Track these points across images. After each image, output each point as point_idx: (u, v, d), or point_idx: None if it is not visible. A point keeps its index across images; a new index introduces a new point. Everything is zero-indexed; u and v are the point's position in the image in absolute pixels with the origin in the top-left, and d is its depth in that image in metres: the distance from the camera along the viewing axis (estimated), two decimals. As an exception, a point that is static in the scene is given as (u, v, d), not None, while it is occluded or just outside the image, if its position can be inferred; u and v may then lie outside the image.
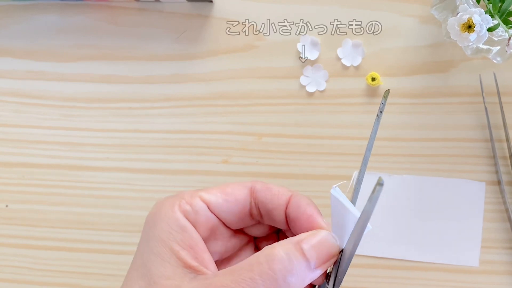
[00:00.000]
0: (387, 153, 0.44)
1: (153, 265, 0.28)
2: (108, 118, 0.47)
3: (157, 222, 0.30)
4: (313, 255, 0.28)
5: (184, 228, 0.29)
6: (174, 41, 0.46)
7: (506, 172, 0.43)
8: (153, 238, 0.29)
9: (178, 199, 0.31)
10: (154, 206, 0.31)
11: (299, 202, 0.31)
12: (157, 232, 0.29)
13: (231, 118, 0.46)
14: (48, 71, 0.48)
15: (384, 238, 0.44)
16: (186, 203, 0.30)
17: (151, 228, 0.30)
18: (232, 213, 0.31)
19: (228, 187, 0.32)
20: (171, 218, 0.29)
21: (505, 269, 0.43)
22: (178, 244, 0.29)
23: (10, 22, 0.48)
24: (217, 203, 0.31)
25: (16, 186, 0.48)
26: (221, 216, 0.31)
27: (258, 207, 0.32)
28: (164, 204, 0.30)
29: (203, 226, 0.30)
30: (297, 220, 0.31)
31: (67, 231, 0.48)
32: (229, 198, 0.31)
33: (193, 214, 0.30)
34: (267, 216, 0.32)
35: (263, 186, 0.32)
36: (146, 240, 0.30)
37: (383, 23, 0.44)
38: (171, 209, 0.30)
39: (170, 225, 0.29)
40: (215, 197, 0.31)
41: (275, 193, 0.31)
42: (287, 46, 0.45)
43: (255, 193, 0.32)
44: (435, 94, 0.44)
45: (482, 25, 0.35)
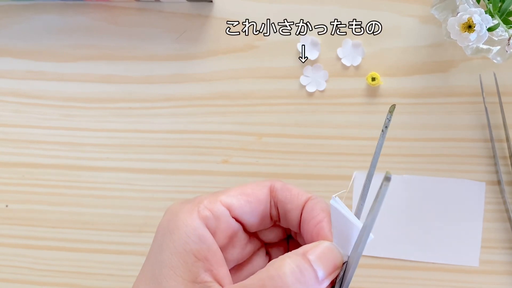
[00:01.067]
0: (387, 153, 0.44)
1: (165, 279, 0.26)
2: (108, 118, 0.47)
3: (173, 230, 0.27)
4: (320, 265, 0.27)
5: (203, 238, 0.27)
6: (174, 41, 0.46)
7: (506, 172, 0.43)
8: (168, 249, 0.27)
9: (196, 204, 0.28)
10: (168, 213, 0.29)
11: (314, 206, 0.30)
12: (172, 243, 0.27)
13: (231, 118, 0.46)
14: (48, 71, 0.48)
15: (384, 238, 0.44)
16: (206, 209, 0.28)
17: (165, 237, 0.27)
18: (254, 215, 0.30)
19: (248, 188, 0.30)
20: (189, 227, 0.27)
21: (505, 269, 0.43)
22: (194, 256, 0.27)
23: (10, 22, 0.48)
24: (239, 206, 0.29)
25: (16, 186, 0.48)
26: (243, 219, 0.29)
27: (277, 207, 0.30)
28: (181, 211, 0.28)
29: (223, 234, 0.29)
30: (307, 223, 0.29)
31: (67, 231, 0.48)
32: (251, 199, 0.29)
33: (214, 221, 0.28)
34: (284, 217, 0.31)
35: (282, 186, 0.31)
36: (159, 250, 0.27)
37: (383, 23, 0.44)
38: (189, 216, 0.27)
39: (187, 234, 0.27)
40: (236, 199, 0.29)
41: (294, 193, 0.30)
42: (287, 46, 0.45)
43: (275, 192, 0.30)
44: (435, 94, 0.44)
45: (482, 25, 0.35)
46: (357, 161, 0.45)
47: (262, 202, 0.30)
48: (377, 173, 0.44)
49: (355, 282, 0.44)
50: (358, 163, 0.45)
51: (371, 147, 0.44)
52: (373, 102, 0.44)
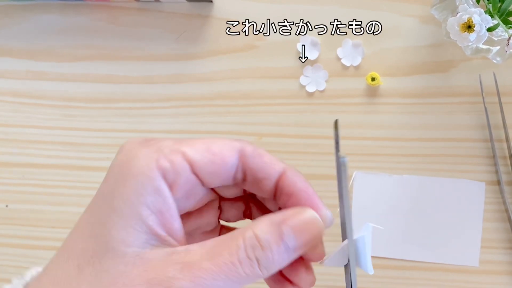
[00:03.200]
0: (387, 153, 0.44)
1: (114, 228, 0.25)
2: (108, 118, 0.47)
3: (127, 177, 0.25)
4: (292, 239, 0.26)
5: (159, 191, 0.25)
6: (174, 41, 0.46)
7: (506, 172, 0.43)
8: (119, 196, 0.25)
9: (155, 151, 0.26)
10: (122, 153, 0.26)
11: (295, 178, 0.28)
12: (126, 191, 0.25)
13: (231, 118, 0.46)
14: (48, 71, 0.48)
15: (384, 238, 0.44)
16: (166, 160, 0.26)
17: (117, 183, 0.25)
18: (217, 176, 0.27)
19: (215, 145, 0.27)
20: (145, 176, 0.25)
21: (505, 269, 0.43)
22: (148, 208, 0.25)
23: (10, 22, 0.48)
24: (203, 164, 0.27)
25: (16, 186, 0.48)
26: (204, 177, 0.27)
27: (244, 173, 0.28)
28: (137, 155, 0.26)
29: (181, 188, 0.26)
30: (291, 195, 0.28)
31: (67, 231, 0.47)
32: (217, 159, 0.27)
33: (173, 175, 0.26)
34: (252, 183, 0.29)
35: (254, 152, 0.28)
36: (109, 195, 0.25)
37: (383, 23, 0.44)
38: (147, 164, 0.25)
39: (143, 185, 0.25)
40: (201, 156, 0.26)
41: (267, 161, 0.28)
42: (287, 46, 0.45)
43: (244, 157, 0.28)
44: (435, 94, 0.44)
45: (482, 25, 0.35)
46: (357, 161, 0.45)
47: (227, 165, 0.28)
48: (377, 173, 0.45)
49: (355, 282, 0.44)
50: (358, 163, 0.45)
51: (371, 147, 0.44)
52: (373, 102, 0.45)
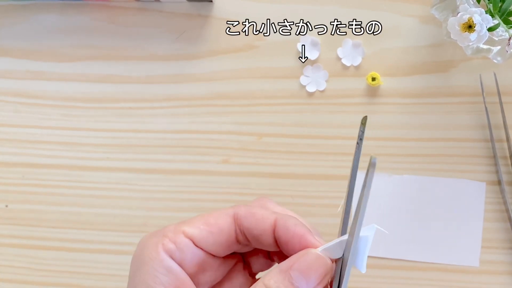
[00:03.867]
0: (387, 153, 0.44)
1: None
2: (108, 118, 0.47)
3: (141, 265, 0.29)
4: (303, 282, 0.27)
5: (170, 269, 0.28)
6: (174, 41, 0.46)
7: (506, 172, 0.43)
8: (139, 283, 0.28)
9: (161, 237, 0.29)
10: (138, 246, 0.30)
11: (286, 224, 0.30)
12: (143, 277, 0.28)
13: (231, 118, 0.46)
14: (48, 71, 0.48)
15: (384, 238, 0.44)
16: (170, 242, 0.29)
17: (136, 272, 0.29)
18: (218, 244, 0.30)
19: (211, 217, 0.30)
20: (155, 260, 0.28)
21: (505, 269, 0.43)
22: (164, 287, 0.28)
23: (10, 22, 0.48)
24: (201, 237, 0.29)
25: (16, 186, 0.48)
26: (207, 249, 0.30)
27: (244, 234, 0.30)
28: (146, 245, 0.29)
29: (190, 263, 0.29)
30: (288, 242, 0.30)
31: (67, 231, 0.48)
32: (213, 229, 0.30)
33: (178, 253, 0.29)
34: (254, 241, 0.31)
35: (246, 212, 0.30)
36: (132, 284, 0.29)
37: (383, 23, 0.44)
38: (154, 250, 0.29)
39: (155, 268, 0.28)
40: (198, 230, 0.30)
41: (259, 217, 0.30)
42: (287, 46, 0.45)
43: (239, 220, 0.30)
44: (435, 94, 0.44)
45: (483, 25, 0.35)
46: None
47: (224, 232, 0.30)
48: (377, 173, 0.44)
49: (355, 282, 0.44)
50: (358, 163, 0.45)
51: (371, 147, 0.44)
52: (373, 102, 0.44)
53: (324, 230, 0.45)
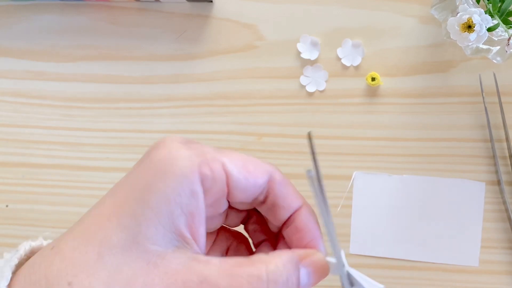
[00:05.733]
0: (387, 153, 0.44)
1: (145, 223, 0.25)
2: (108, 118, 0.47)
3: (168, 175, 0.25)
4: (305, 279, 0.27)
5: (196, 194, 0.26)
6: (174, 41, 0.46)
7: (506, 172, 0.43)
8: (158, 192, 0.25)
9: (199, 156, 0.26)
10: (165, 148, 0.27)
11: (310, 217, 0.29)
12: (165, 188, 0.25)
13: (231, 118, 0.46)
14: (48, 71, 0.48)
15: (384, 238, 0.44)
16: (208, 166, 0.26)
17: (157, 178, 0.25)
18: (244, 192, 0.28)
19: (251, 164, 0.29)
20: (186, 178, 0.25)
21: (505, 269, 0.43)
22: (181, 209, 0.25)
23: (10, 22, 0.48)
24: (237, 179, 0.27)
25: (16, 186, 0.48)
26: (232, 191, 0.28)
27: (266, 196, 0.29)
28: (181, 156, 0.26)
29: (213, 196, 0.27)
30: (301, 232, 0.29)
31: (67, 231, 0.48)
32: (250, 177, 0.28)
33: (211, 182, 0.26)
34: (268, 208, 0.30)
35: (282, 180, 0.29)
36: (147, 187, 0.25)
37: (383, 23, 0.44)
38: (189, 166, 0.26)
39: (182, 185, 0.25)
40: (237, 171, 0.27)
41: (290, 192, 0.30)
42: (287, 46, 0.45)
43: (272, 183, 0.29)
44: (434, 94, 0.44)
45: (482, 25, 0.35)
46: (357, 161, 0.45)
47: (257, 186, 0.29)
48: (377, 173, 0.45)
49: (355, 282, 0.44)
50: (358, 163, 0.45)
51: (371, 147, 0.44)
52: (373, 102, 0.45)
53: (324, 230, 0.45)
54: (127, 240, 0.25)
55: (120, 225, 0.25)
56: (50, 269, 0.25)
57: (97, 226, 0.26)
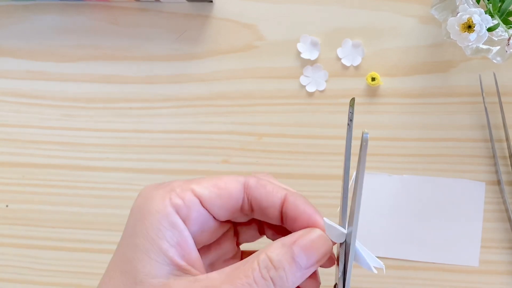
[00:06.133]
0: (387, 153, 0.44)
1: (140, 263, 0.27)
2: (108, 118, 0.47)
3: (146, 216, 0.28)
4: (303, 258, 0.28)
5: (175, 225, 0.28)
6: (174, 41, 0.46)
7: (506, 172, 0.43)
8: (141, 234, 0.28)
9: (168, 191, 0.29)
10: (140, 196, 0.29)
11: (296, 201, 0.30)
12: (145, 228, 0.28)
13: (231, 118, 0.46)
14: (48, 71, 0.48)
15: (384, 238, 0.44)
16: (178, 197, 0.29)
17: (138, 222, 0.28)
18: (225, 209, 0.30)
19: (221, 181, 0.30)
20: (161, 213, 0.28)
21: (505, 269, 0.43)
22: (167, 242, 0.28)
23: (10, 22, 0.48)
24: (210, 198, 0.29)
25: (16, 186, 0.48)
26: (213, 211, 0.30)
27: (250, 203, 0.31)
28: (153, 197, 0.29)
29: (194, 222, 0.29)
30: (295, 219, 0.30)
31: (67, 231, 0.48)
32: (223, 193, 0.30)
33: (185, 210, 0.29)
34: (259, 212, 0.31)
35: (257, 183, 0.31)
36: (132, 234, 0.28)
37: (383, 23, 0.44)
38: (161, 202, 0.28)
39: (160, 221, 0.28)
40: (208, 191, 0.29)
41: (269, 190, 0.31)
42: (287, 46, 0.45)
43: (248, 189, 0.30)
44: (435, 94, 0.44)
45: (482, 25, 0.35)
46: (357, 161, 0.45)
47: (233, 198, 0.30)
48: (377, 173, 0.45)
49: (355, 282, 0.44)
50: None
51: (371, 147, 0.44)
52: (372, 102, 0.45)
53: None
54: (131, 283, 0.27)
55: (122, 272, 0.28)
56: None
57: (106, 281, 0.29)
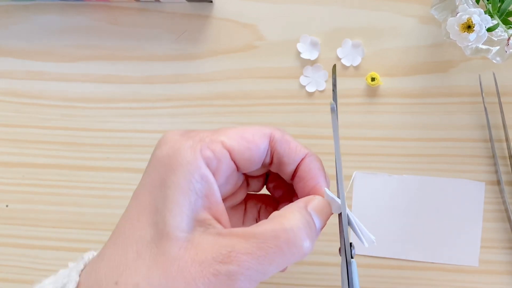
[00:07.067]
0: (387, 153, 0.44)
1: (169, 214, 0.27)
2: (108, 118, 0.47)
3: (176, 167, 0.28)
4: (318, 218, 0.30)
5: (205, 178, 0.28)
6: (174, 41, 0.46)
7: (505, 172, 0.43)
8: (172, 185, 0.28)
9: (198, 142, 0.29)
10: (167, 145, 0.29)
11: (311, 165, 0.32)
12: (177, 180, 0.28)
13: (231, 118, 0.46)
14: (48, 71, 0.48)
15: (384, 238, 0.44)
16: (208, 149, 0.29)
17: (168, 173, 0.28)
18: (251, 161, 0.31)
19: (248, 133, 0.30)
20: (193, 165, 0.28)
21: (505, 269, 0.43)
22: (196, 194, 0.28)
23: (10, 22, 0.48)
24: (239, 151, 0.30)
25: (16, 186, 0.48)
26: (240, 163, 0.30)
27: (272, 156, 0.31)
28: (182, 147, 0.28)
29: (222, 174, 0.29)
30: (303, 180, 0.31)
31: (67, 231, 0.48)
32: (251, 146, 0.30)
33: (215, 162, 0.29)
34: (277, 166, 0.32)
35: (281, 138, 0.31)
36: (162, 184, 0.28)
37: (383, 23, 0.44)
38: (192, 154, 0.28)
39: (191, 173, 0.28)
40: (237, 144, 0.30)
41: (293, 147, 0.32)
42: (287, 46, 0.45)
43: (273, 143, 0.31)
44: (435, 94, 0.44)
45: (482, 25, 0.35)
46: (357, 161, 0.45)
47: (260, 151, 0.31)
48: (377, 173, 0.45)
49: (355, 282, 0.44)
50: (358, 163, 0.45)
51: (371, 147, 0.44)
52: (373, 102, 0.45)
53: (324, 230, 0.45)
54: (158, 234, 0.27)
55: (149, 223, 0.28)
56: (99, 275, 0.28)
57: (130, 228, 0.29)
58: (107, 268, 0.28)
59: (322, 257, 0.44)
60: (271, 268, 0.27)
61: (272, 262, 0.27)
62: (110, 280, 0.27)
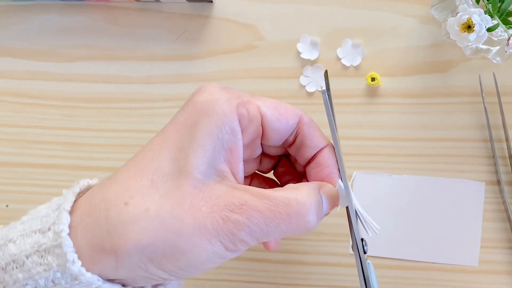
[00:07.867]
0: (387, 153, 0.44)
1: (193, 154, 0.28)
2: (108, 118, 0.47)
3: (211, 114, 0.29)
4: (326, 204, 0.31)
5: (234, 131, 0.29)
6: (174, 41, 0.46)
7: (505, 172, 0.43)
8: (203, 128, 0.29)
9: (236, 98, 0.30)
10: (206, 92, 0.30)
11: (330, 155, 0.33)
12: (209, 125, 0.29)
13: (231, 118, 0.46)
14: (48, 71, 0.48)
15: (384, 238, 0.44)
16: (244, 107, 0.30)
17: (202, 117, 0.29)
18: (277, 133, 0.32)
19: (282, 107, 0.32)
20: (227, 116, 0.29)
21: (505, 269, 0.43)
22: (222, 144, 0.29)
23: (10, 22, 0.48)
24: (270, 120, 0.31)
25: (16, 186, 0.48)
26: (267, 132, 0.31)
27: (295, 137, 0.33)
28: (221, 98, 0.30)
29: (249, 135, 0.30)
30: (320, 166, 0.33)
31: (67, 231, 0.48)
32: (282, 119, 0.31)
33: (247, 121, 0.30)
34: (297, 147, 0.33)
35: (310, 122, 0.33)
36: (193, 124, 0.29)
37: (383, 23, 0.44)
38: (228, 106, 0.29)
39: (223, 123, 0.29)
40: (270, 113, 0.31)
41: (318, 134, 0.33)
42: (287, 46, 0.45)
43: (301, 124, 0.32)
44: (435, 94, 0.44)
45: (482, 25, 0.35)
46: (357, 161, 0.45)
47: (289, 126, 0.32)
48: (377, 173, 0.45)
49: (356, 282, 0.44)
50: (358, 163, 0.45)
51: (371, 147, 0.44)
52: (373, 102, 0.45)
53: (324, 230, 0.45)
54: (176, 169, 0.28)
55: (170, 157, 0.28)
56: (108, 193, 0.28)
57: (149, 158, 0.29)
58: (118, 189, 0.28)
59: (322, 257, 0.44)
60: (274, 232, 0.28)
61: (277, 226, 0.28)
62: (119, 200, 0.27)
